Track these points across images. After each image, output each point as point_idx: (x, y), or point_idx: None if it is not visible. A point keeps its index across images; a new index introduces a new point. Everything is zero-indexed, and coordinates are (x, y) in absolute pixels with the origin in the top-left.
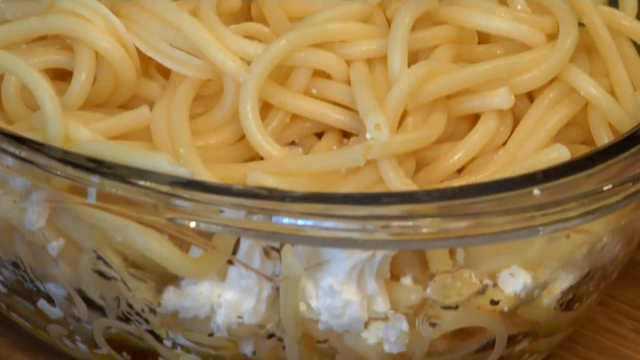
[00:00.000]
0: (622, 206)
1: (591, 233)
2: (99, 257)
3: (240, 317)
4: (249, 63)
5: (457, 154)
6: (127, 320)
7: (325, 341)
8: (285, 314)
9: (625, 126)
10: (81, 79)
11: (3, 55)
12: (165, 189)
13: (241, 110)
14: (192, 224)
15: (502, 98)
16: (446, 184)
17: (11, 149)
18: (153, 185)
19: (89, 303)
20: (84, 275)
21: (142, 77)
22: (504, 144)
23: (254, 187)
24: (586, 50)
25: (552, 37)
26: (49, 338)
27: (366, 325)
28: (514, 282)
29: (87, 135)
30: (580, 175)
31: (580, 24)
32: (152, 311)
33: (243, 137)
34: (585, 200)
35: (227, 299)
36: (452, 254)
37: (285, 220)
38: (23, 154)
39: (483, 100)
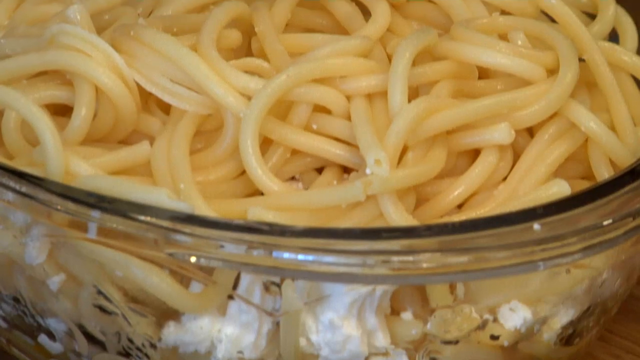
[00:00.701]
0: (622, 241)
1: (591, 268)
2: (100, 292)
3: (240, 352)
4: (249, 98)
5: (458, 190)
6: (127, 355)
7: None
8: (285, 349)
9: (626, 161)
10: (81, 114)
11: (3, 91)
12: (166, 223)
13: (241, 146)
14: (193, 259)
15: (502, 133)
16: (446, 219)
17: (12, 184)
18: (153, 220)
19: (90, 338)
20: (85, 310)
21: (142, 113)
22: (505, 179)
23: (254, 222)
24: (586, 85)
25: (552, 72)
26: None
27: None
28: (514, 317)
29: (87, 170)
30: (580, 210)
31: (581, 60)
32: (153, 346)
33: (243, 172)
34: (585, 235)
35: (228, 334)
36: (452, 288)
37: (286, 255)
38: (23, 189)
39: (483, 135)
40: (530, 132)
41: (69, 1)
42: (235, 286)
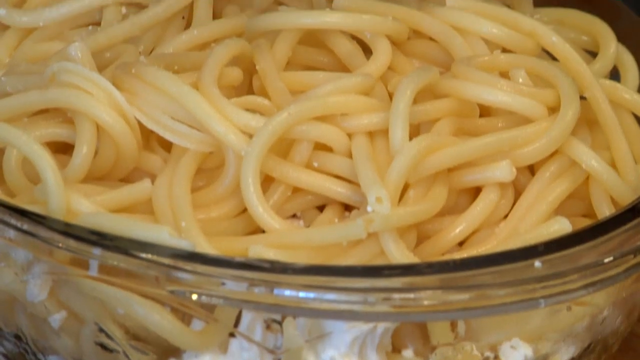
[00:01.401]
0: (623, 278)
1: (592, 305)
2: (101, 330)
3: None
4: (250, 136)
5: (459, 227)
6: None
7: None
8: None
9: (627, 199)
10: (82, 152)
11: (5, 128)
12: (167, 261)
13: (243, 184)
14: (194, 297)
15: (503, 171)
16: (447, 257)
17: (13, 221)
18: (155, 257)
19: None
20: (86, 348)
21: (143, 150)
22: (506, 216)
23: (255, 260)
24: (587, 122)
25: (553, 109)
26: None
27: None
28: (515, 354)
29: (88, 207)
30: (581, 248)
31: (582, 97)
32: None
33: (245, 210)
34: (586, 273)
35: None
36: (453, 326)
37: (287, 292)
38: (25, 226)
39: (484, 173)
40: (532, 169)
41: (70, 39)
42: (236, 324)
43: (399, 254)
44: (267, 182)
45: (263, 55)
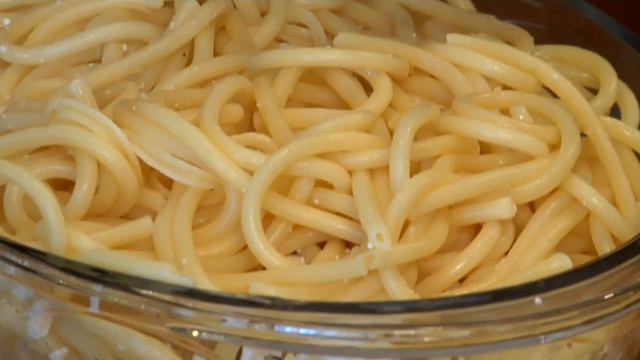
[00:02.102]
0: (624, 315)
1: (593, 342)
2: None
3: None
4: (251, 173)
5: (459, 264)
6: None
7: None
8: None
9: (628, 236)
10: (83, 189)
11: (5, 165)
12: (168, 298)
13: (243, 221)
14: (195, 333)
15: (504, 208)
16: (448, 294)
17: (14, 258)
18: (155, 294)
19: None
20: None
21: (144, 187)
22: (506, 253)
23: (256, 296)
24: (588, 159)
25: (554, 147)
26: None
27: None
28: None
29: (89, 244)
30: (581, 284)
31: (583, 134)
32: None
33: (245, 247)
34: (586, 309)
35: None
36: None
37: (288, 329)
38: (26, 263)
39: (485, 210)
40: (532, 206)
41: (71, 76)
42: None
43: (400, 290)
44: (267, 219)
45: (264, 93)
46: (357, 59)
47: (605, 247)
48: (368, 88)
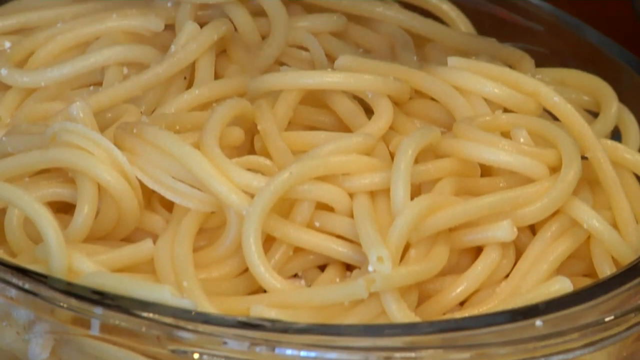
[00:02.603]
0: (624, 337)
1: None
2: None
3: None
4: (252, 196)
5: (460, 287)
6: None
7: None
8: None
9: (628, 259)
10: (84, 212)
11: (6, 188)
12: (169, 320)
13: (244, 243)
14: (196, 356)
15: (504, 231)
16: (449, 316)
17: (15, 280)
18: (156, 317)
19: None
20: None
21: (145, 210)
22: (507, 276)
23: (256, 319)
24: (589, 182)
25: (555, 169)
26: None
27: None
28: None
29: (90, 267)
30: (582, 307)
31: (584, 157)
32: None
33: (246, 269)
34: (587, 332)
35: None
36: None
37: (289, 351)
38: (27, 285)
39: (486, 233)
40: (533, 229)
41: (72, 99)
42: None
43: (401, 313)
44: (268, 241)
45: (264, 115)
46: (357, 82)
47: (606, 270)
48: (369, 110)
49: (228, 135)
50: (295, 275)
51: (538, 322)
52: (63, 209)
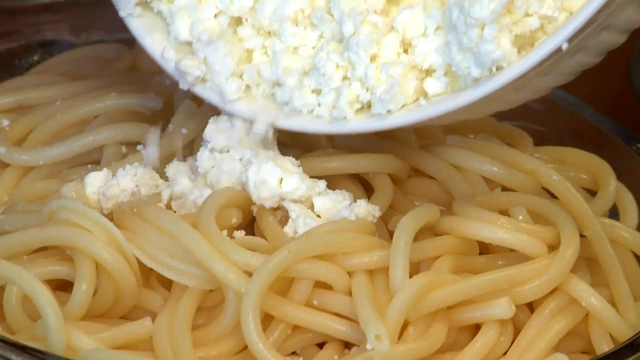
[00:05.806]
0: None
1: None
2: None
3: None
4: (250, 274)
5: None
6: None
7: None
8: None
9: (626, 337)
10: (82, 290)
11: (5, 266)
12: None
13: (243, 321)
14: None
15: (502, 308)
16: None
17: (14, 357)
18: None
19: None
20: None
21: (143, 288)
22: (505, 353)
23: None
24: (587, 260)
25: (553, 247)
26: None
27: None
28: None
29: (89, 344)
30: None
31: (582, 235)
32: None
33: (245, 347)
34: None
35: None
36: None
37: None
38: None
39: (484, 310)
40: (531, 306)
41: (69, 177)
42: None
43: None
44: (267, 319)
45: None
46: (358, 164)
47: (604, 347)
48: (368, 189)
49: (226, 217)
50: (294, 353)
51: None
52: (61, 286)
